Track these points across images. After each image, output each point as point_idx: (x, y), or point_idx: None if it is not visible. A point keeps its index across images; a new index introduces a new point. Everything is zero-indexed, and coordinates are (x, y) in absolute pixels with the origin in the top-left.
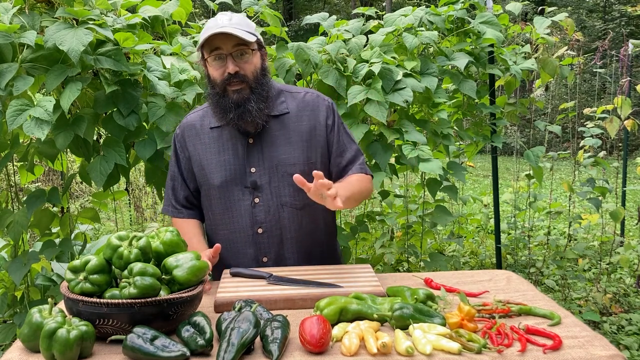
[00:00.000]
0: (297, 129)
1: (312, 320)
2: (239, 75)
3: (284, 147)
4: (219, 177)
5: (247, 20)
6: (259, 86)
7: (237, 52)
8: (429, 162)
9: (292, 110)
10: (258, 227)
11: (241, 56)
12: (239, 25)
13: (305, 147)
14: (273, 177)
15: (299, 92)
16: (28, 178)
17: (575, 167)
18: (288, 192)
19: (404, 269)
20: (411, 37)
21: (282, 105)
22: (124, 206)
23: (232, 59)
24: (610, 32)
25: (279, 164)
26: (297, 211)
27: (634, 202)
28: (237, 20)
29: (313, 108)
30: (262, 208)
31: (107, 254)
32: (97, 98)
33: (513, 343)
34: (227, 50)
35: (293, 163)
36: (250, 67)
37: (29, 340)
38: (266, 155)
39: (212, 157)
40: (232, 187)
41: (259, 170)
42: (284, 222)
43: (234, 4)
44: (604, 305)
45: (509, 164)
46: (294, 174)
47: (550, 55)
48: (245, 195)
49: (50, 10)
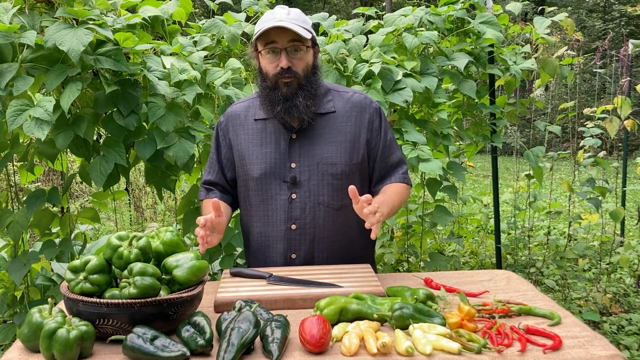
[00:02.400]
0: (342, 129)
1: (312, 320)
2: (291, 71)
3: (327, 146)
4: (259, 169)
5: (304, 16)
6: (309, 83)
7: (292, 47)
8: (429, 162)
9: (339, 110)
10: (292, 223)
11: (295, 52)
12: (295, 21)
13: (348, 148)
14: (313, 174)
15: (346, 92)
16: (28, 178)
17: (575, 167)
18: (326, 192)
19: (404, 269)
20: (411, 37)
21: (329, 104)
22: (124, 206)
23: (287, 53)
24: (610, 32)
25: (320, 162)
26: (333, 211)
27: (634, 202)
28: (295, 15)
29: (360, 110)
30: (299, 204)
31: (107, 254)
32: (97, 98)
33: (513, 343)
34: (283, 44)
35: (334, 162)
36: (302, 63)
37: (29, 340)
38: (308, 152)
39: (253, 148)
40: (271, 181)
41: (299, 166)
42: (318, 221)
43: (234, 4)
44: (604, 305)
45: (509, 164)
46: (334, 173)
47: (550, 55)
48: (283, 190)
49: (50, 10)
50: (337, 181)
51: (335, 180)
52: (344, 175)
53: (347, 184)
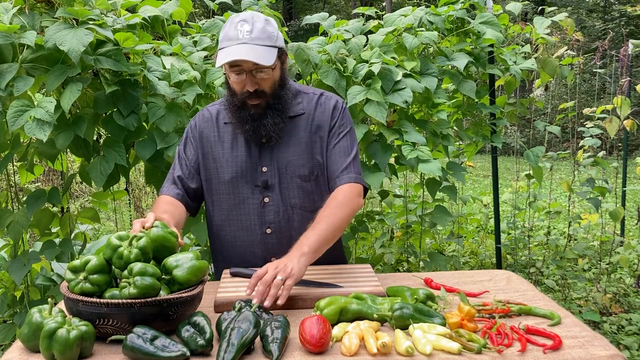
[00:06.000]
0: (306, 130)
1: (312, 320)
2: (258, 92)
3: (294, 148)
4: (230, 173)
5: (269, 28)
6: (277, 99)
7: (257, 70)
8: (429, 163)
9: (307, 112)
10: (267, 227)
11: (260, 73)
12: (259, 40)
13: (311, 149)
14: (283, 177)
15: (315, 94)
16: (28, 178)
17: (575, 167)
18: (297, 194)
19: (404, 269)
20: (411, 37)
21: (299, 106)
22: (124, 206)
23: (252, 76)
24: (610, 32)
25: (288, 164)
26: (307, 214)
27: (634, 202)
28: (258, 31)
29: (324, 109)
30: (272, 208)
31: (107, 254)
32: (97, 98)
33: (513, 343)
34: (248, 67)
35: (301, 164)
36: (269, 82)
37: (29, 340)
38: (277, 155)
39: (224, 151)
40: (242, 184)
41: (270, 170)
42: (293, 224)
43: (234, 4)
44: (604, 305)
45: (509, 164)
46: (302, 175)
47: (550, 55)
48: (255, 194)
49: (50, 10)
50: (306, 183)
51: (304, 183)
52: (312, 177)
53: (318, 186)
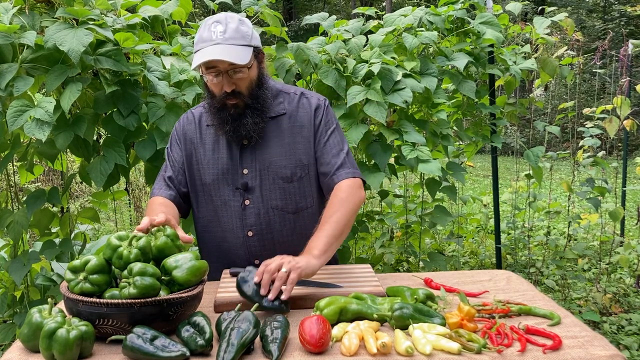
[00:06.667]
0: (288, 131)
1: (312, 320)
2: (235, 93)
3: (276, 149)
4: (211, 175)
5: (242, 29)
6: (255, 99)
7: (233, 70)
8: (428, 163)
9: (289, 112)
10: (248, 230)
11: (237, 73)
12: (233, 40)
13: (294, 150)
14: (264, 179)
15: (295, 93)
16: (27, 178)
17: (575, 167)
18: (279, 196)
19: (404, 269)
20: (411, 37)
21: (280, 106)
22: (124, 206)
23: (229, 76)
24: (610, 32)
25: (270, 165)
26: (288, 215)
27: (633, 202)
28: (231, 32)
29: (305, 108)
30: (253, 211)
31: (107, 254)
32: (97, 98)
33: (513, 343)
34: (224, 68)
35: (284, 165)
36: (246, 82)
37: (28, 340)
38: (258, 157)
39: (206, 153)
40: (224, 187)
41: (251, 172)
42: (274, 226)
43: (234, 4)
44: (604, 305)
45: (508, 164)
46: (284, 176)
47: (550, 55)
48: (236, 196)
49: (50, 11)
50: (288, 184)
51: (287, 184)
52: (294, 178)
53: (301, 187)
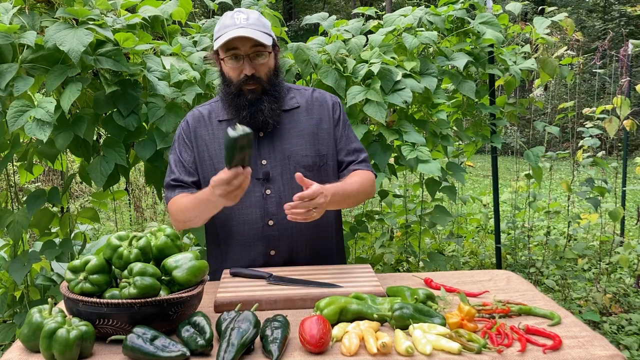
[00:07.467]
0: (307, 122)
1: (312, 320)
2: (254, 77)
3: (296, 139)
4: None
5: (263, 19)
6: (272, 87)
7: (254, 53)
8: (428, 163)
9: (302, 105)
10: (269, 219)
11: (257, 57)
12: (255, 26)
13: (314, 140)
14: (285, 168)
15: (306, 90)
16: (27, 178)
17: (575, 167)
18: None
19: (404, 268)
20: (411, 37)
21: (292, 100)
22: (124, 206)
23: (250, 60)
24: (610, 32)
25: (291, 155)
26: None
27: (633, 202)
28: (254, 19)
29: (321, 103)
30: (274, 200)
31: (107, 254)
32: (97, 98)
33: (513, 343)
34: (245, 51)
35: (305, 154)
36: (265, 68)
37: (28, 340)
38: (277, 147)
39: (221, 147)
40: None
41: (270, 162)
42: None
43: (234, 4)
44: (604, 305)
45: (508, 164)
46: (306, 165)
47: (549, 55)
48: (257, 186)
49: (50, 10)
50: (309, 173)
51: (308, 173)
52: (315, 167)
53: (319, 177)
